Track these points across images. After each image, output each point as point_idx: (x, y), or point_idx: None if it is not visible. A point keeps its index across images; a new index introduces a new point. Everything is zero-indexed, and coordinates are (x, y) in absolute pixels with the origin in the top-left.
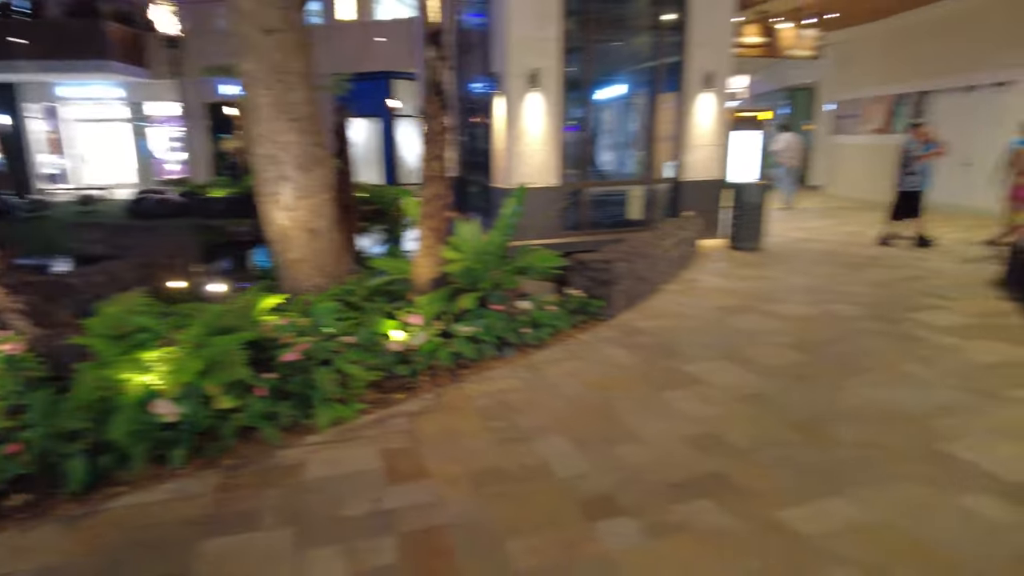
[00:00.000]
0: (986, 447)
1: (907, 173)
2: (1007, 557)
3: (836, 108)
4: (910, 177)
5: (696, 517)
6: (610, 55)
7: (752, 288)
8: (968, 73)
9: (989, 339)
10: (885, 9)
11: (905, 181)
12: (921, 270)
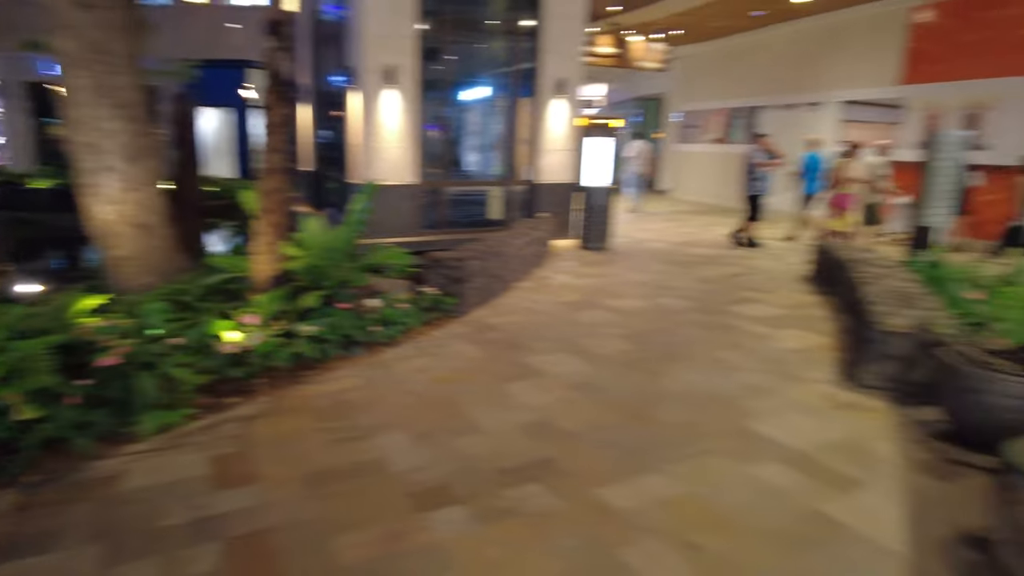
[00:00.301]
0: (781, 422)
1: (752, 179)
2: (786, 516)
3: (682, 118)
4: (755, 183)
5: (524, 501)
6: (469, 57)
7: (595, 285)
8: (789, 94)
9: (794, 328)
10: (721, 30)
11: (751, 187)
12: (746, 267)
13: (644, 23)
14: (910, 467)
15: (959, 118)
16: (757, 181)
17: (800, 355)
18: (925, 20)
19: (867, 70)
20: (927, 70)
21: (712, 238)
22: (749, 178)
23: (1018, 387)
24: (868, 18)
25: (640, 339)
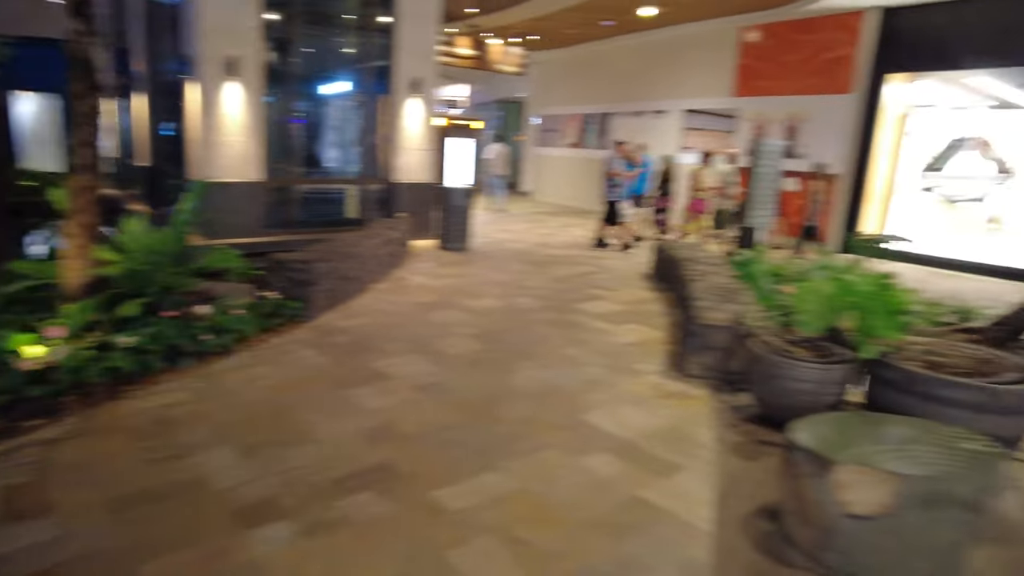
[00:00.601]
0: (613, 413)
1: (611, 185)
2: (609, 505)
3: (540, 122)
4: (613, 189)
5: (356, 510)
6: (321, 52)
7: (452, 285)
8: (638, 101)
9: (632, 323)
10: (575, 37)
11: (610, 192)
12: (595, 267)
13: (501, 27)
14: (723, 450)
15: (782, 129)
16: (616, 187)
17: (636, 348)
18: (752, 40)
19: (706, 82)
20: (755, 85)
21: (568, 239)
22: (608, 184)
23: (811, 372)
24: (706, 34)
25: (492, 338)
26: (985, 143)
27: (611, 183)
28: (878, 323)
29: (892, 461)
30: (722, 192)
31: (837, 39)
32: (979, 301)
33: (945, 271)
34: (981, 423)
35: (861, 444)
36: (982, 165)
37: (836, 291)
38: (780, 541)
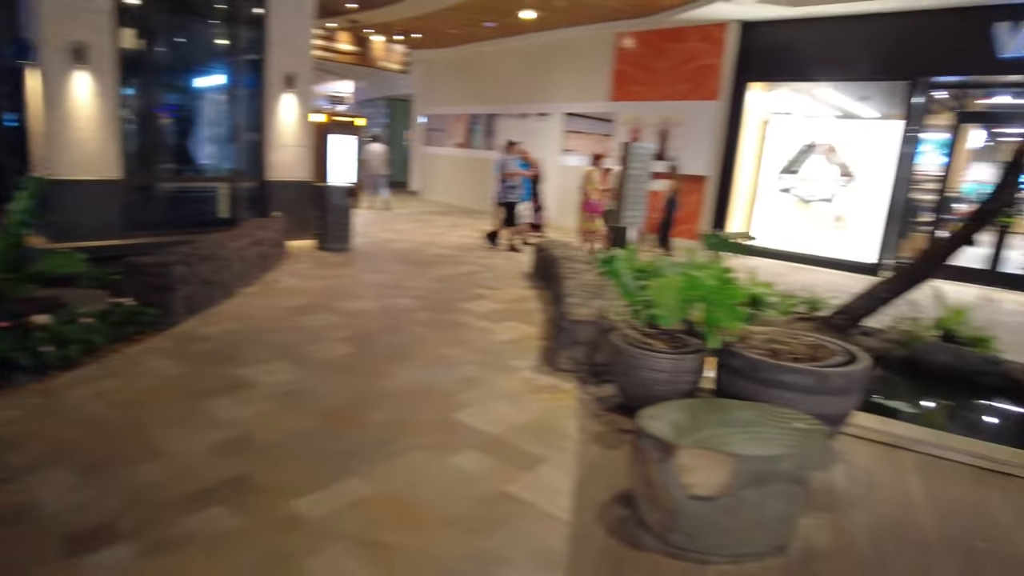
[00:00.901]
0: (485, 411)
1: (507, 187)
2: (471, 500)
3: (427, 121)
4: (510, 190)
5: (205, 526)
6: (187, 42)
7: (328, 287)
8: (522, 103)
9: (511, 320)
10: (459, 37)
11: (508, 193)
12: (479, 266)
13: (383, 23)
14: (586, 440)
15: (655, 133)
16: (513, 188)
17: (513, 346)
18: (626, 46)
19: (585, 86)
20: (629, 90)
21: (455, 238)
22: (503, 185)
23: (666, 362)
24: (585, 39)
25: (365, 341)
26: (831, 148)
27: (508, 184)
28: (721, 314)
29: (730, 443)
30: (616, 193)
31: (703, 49)
32: (827, 292)
33: (801, 265)
34: (813, 404)
35: (704, 428)
36: (829, 169)
37: (685, 286)
38: (634, 525)
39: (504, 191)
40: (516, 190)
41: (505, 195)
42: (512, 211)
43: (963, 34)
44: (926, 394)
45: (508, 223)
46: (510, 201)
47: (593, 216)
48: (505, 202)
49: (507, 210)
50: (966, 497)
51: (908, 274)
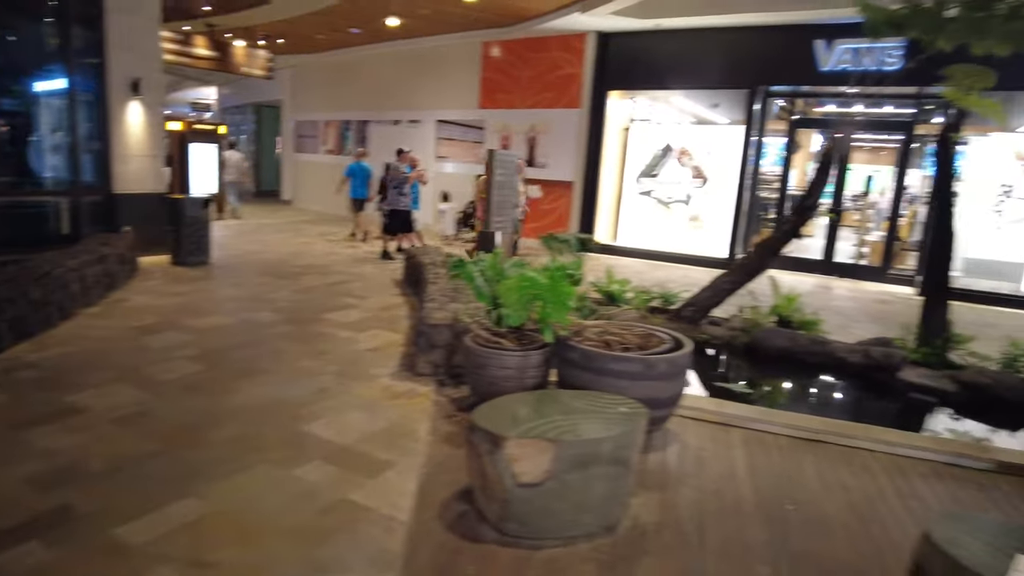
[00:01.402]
0: (337, 421)
1: (399, 194)
2: (312, 511)
3: (297, 127)
4: (400, 198)
5: (17, 563)
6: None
7: (180, 304)
8: (394, 110)
9: (377, 329)
10: (328, 43)
11: (397, 201)
12: (349, 275)
13: (244, 28)
14: (436, 441)
15: (525, 140)
16: (403, 195)
17: (375, 354)
18: (493, 55)
19: (456, 93)
20: (497, 97)
21: (326, 248)
22: (395, 193)
23: (512, 359)
24: (454, 47)
25: (216, 358)
26: (686, 153)
27: (401, 191)
28: (552, 311)
29: (556, 430)
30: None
31: (565, 58)
32: (682, 286)
33: (663, 263)
34: (642, 389)
35: (535, 419)
36: (684, 172)
37: (523, 286)
38: (473, 519)
39: (394, 198)
40: (406, 198)
41: (395, 202)
42: (404, 218)
43: (792, 49)
44: (763, 375)
45: (398, 230)
46: (400, 209)
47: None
48: (395, 209)
49: (398, 217)
50: (782, 465)
51: (745, 267)
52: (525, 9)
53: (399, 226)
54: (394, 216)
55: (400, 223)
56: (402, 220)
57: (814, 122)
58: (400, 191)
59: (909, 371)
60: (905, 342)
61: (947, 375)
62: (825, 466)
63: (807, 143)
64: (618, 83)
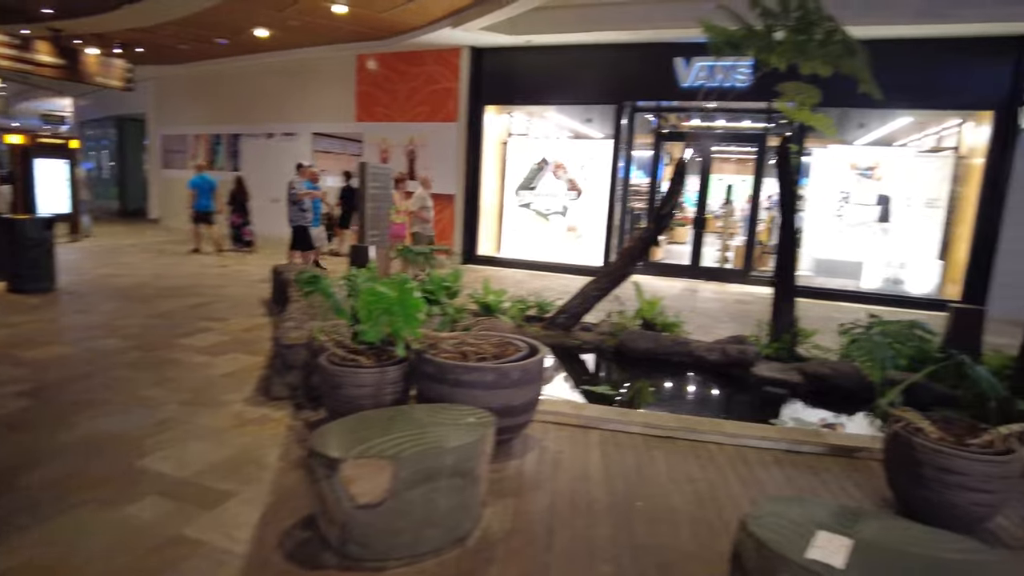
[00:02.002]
0: (177, 453)
1: (300, 210)
2: (141, 550)
3: (164, 142)
4: (301, 213)
5: None
6: None
7: (13, 335)
8: (269, 123)
9: (236, 352)
10: (193, 53)
11: (298, 217)
12: (214, 296)
13: (95, 35)
14: (285, 468)
15: (404, 153)
16: (304, 211)
17: (230, 378)
18: (369, 68)
19: (332, 106)
20: (374, 111)
21: (191, 268)
22: (296, 208)
23: (368, 376)
24: (329, 59)
25: (49, 392)
26: (561, 166)
27: (301, 207)
28: (402, 325)
29: (398, 447)
30: (420, 216)
31: (440, 72)
32: (559, 295)
33: (543, 272)
34: (497, 398)
35: (378, 437)
36: (560, 184)
37: (371, 300)
38: (316, 546)
39: (295, 214)
40: (307, 213)
41: (296, 218)
42: (304, 235)
43: (655, 66)
44: (629, 376)
45: (301, 247)
46: (301, 225)
47: (395, 240)
48: (297, 225)
49: (299, 234)
50: (635, 463)
51: (610, 274)
52: (398, 23)
53: (300, 243)
54: (296, 232)
55: (300, 240)
56: (302, 237)
57: (680, 135)
58: (300, 207)
59: (762, 366)
60: (759, 339)
61: (795, 367)
62: (676, 461)
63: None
64: (494, 98)
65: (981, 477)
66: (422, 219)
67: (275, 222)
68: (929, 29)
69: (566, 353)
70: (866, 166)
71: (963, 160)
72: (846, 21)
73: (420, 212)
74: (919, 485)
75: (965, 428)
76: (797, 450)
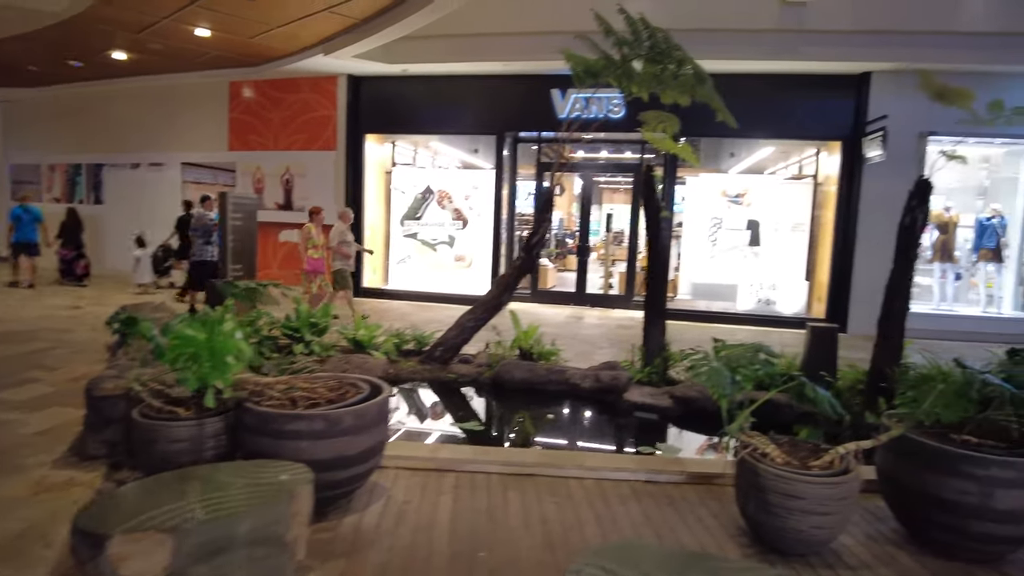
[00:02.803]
0: None
1: (206, 243)
2: None
3: (13, 172)
4: (208, 247)
5: None
6: None
7: None
8: (134, 152)
9: (59, 406)
10: (45, 77)
11: (204, 251)
12: (53, 342)
13: None
14: None
15: (280, 182)
16: (209, 245)
17: (44, 437)
18: (242, 95)
19: (203, 134)
20: (249, 139)
21: (36, 310)
22: (200, 243)
23: (184, 430)
24: (199, 85)
25: None
26: (446, 196)
27: (207, 241)
28: (208, 371)
29: (185, 516)
30: (340, 252)
31: (318, 100)
32: (444, 327)
33: (432, 304)
34: (327, 448)
35: (168, 504)
36: (445, 214)
37: (176, 344)
38: None
39: (199, 248)
40: (214, 247)
41: (202, 253)
42: (207, 270)
43: (533, 97)
44: (504, 408)
45: (198, 283)
46: (208, 260)
47: (314, 276)
48: (202, 261)
49: (206, 269)
50: (487, 507)
51: (485, 304)
52: (268, 49)
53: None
54: (201, 268)
55: (209, 275)
56: (211, 272)
57: (561, 166)
58: (207, 240)
59: (634, 391)
60: (632, 364)
61: (665, 391)
62: (531, 501)
63: (568, 185)
64: (375, 127)
65: (819, 499)
66: (343, 255)
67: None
68: (785, 65)
69: (442, 388)
70: (735, 193)
71: (821, 187)
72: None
73: (340, 247)
74: (766, 511)
75: (809, 450)
76: (656, 480)
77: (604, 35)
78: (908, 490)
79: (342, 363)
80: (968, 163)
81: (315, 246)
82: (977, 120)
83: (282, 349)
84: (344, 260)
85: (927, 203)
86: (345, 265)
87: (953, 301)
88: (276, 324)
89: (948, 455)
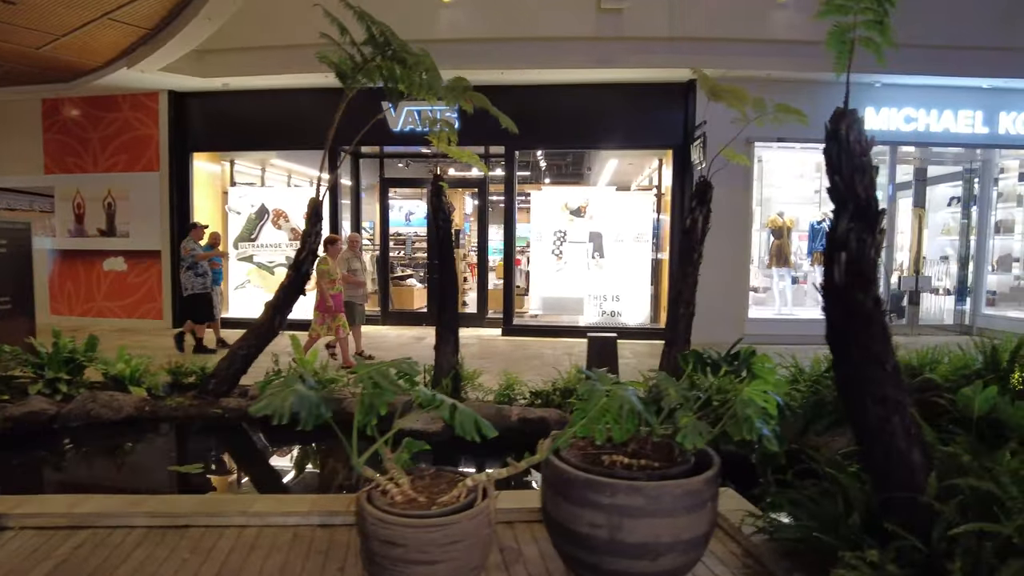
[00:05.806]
0: None
1: (196, 275)
2: None
3: None
4: (197, 279)
5: None
6: None
7: None
8: None
9: None
10: None
11: (192, 283)
12: None
13: None
14: None
15: (102, 206)
16: (199, 276)
17: None
18: (58, 114)
19: (16, 157)
20: (66, 161)
21: None
22: (191, 273)
23: None
24: (8, 103)
25: None
26: (282, 215)
27: (197, 271)
28: None
29: None
30: (350, 280)
31: (138, 118)
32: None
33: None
34: None
35: None
36: (281, 235)
37: None
38: None
39: (192, 279)
40: (204, 278)
41: (191, 285)
42: (202, 303)
43: (366, 110)
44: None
45: (197, 318)
46: (196, 293)
47: (334, 316)
48: (192, 294)
49: (195, 303)
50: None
51: (257, 329)
52: (66, 62)
53: (204, 312)
54: (196, 301)
55: (205, 308)
56: (206, 304)
57: (401, 181)
58: (195, 271)
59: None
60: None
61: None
62: (172, 564)
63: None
64: (203, 145)
65: (419, 546)
66: (354, 283)
67: None
68: (615, 74)
69: (198, 427)
70: (577, 205)
71: (662, 196)
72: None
73: (349, 276)
74: (370, 562)
75: (449, 482)
76: (330, 523)
77: (340, 33)
78: (553, 523)
79: (87, 401)
80: (751, 164)
81: (333, 279)
82: (744, 119)
83: (14, 390)
84: (354, 289)
85: (707, 204)
86: (355, 296)
87: (793, 305)
88: (22, 360)
89: (576, 481)
